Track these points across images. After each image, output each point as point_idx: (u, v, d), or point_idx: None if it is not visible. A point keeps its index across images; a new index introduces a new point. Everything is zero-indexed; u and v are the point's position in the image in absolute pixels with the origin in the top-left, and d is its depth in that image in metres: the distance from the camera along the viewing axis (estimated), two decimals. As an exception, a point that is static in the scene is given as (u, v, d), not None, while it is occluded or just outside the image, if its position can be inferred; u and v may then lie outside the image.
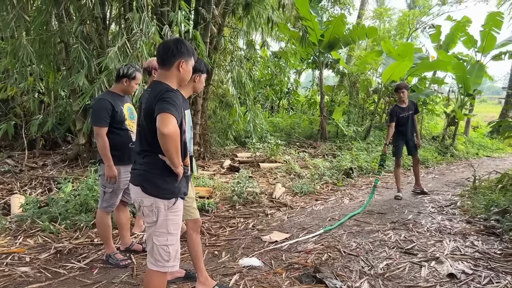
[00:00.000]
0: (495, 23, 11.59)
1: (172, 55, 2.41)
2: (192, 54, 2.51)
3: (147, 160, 2.43)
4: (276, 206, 5.86)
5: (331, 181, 7.53)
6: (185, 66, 2.46)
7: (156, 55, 2.52)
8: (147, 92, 2.44)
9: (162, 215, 2.42)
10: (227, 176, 7.64)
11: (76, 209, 4.84)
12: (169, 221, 2.44)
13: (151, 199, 2.41)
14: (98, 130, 3.53)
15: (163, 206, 2.41)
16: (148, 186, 2.41)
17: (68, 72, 7.04)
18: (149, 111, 2.32)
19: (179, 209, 2.51)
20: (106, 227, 3.76)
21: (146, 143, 2.41)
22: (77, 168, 7.47)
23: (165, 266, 2.48)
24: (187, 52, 2.46)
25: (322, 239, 4.48)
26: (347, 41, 12.77)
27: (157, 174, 2.41)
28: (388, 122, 6.69)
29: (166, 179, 2.42)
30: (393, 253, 4.07)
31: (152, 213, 2.42)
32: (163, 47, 2.45)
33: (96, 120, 3.55)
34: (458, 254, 4.03)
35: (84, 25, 6.80)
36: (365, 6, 20.41)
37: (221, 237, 4.52)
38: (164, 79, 2.43)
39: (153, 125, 2.26)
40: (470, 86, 11.66)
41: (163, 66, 2.44)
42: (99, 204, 3.76)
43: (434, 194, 6.81)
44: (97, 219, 3.78)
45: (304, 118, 14.91)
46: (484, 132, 15.27)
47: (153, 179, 2.41)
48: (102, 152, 3.52)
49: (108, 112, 3.55)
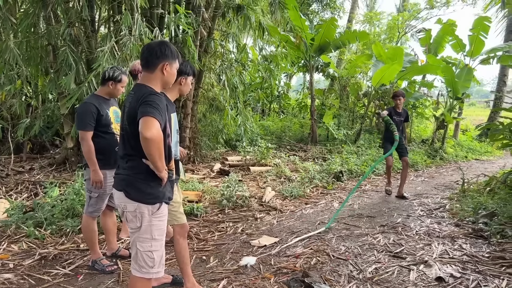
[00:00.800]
0: (483, 28, 11.71)
1: (156, 57, 2.37)
2: (176, 57, 2.48)
3: (130, 164, 2.39)
4: (266, 210, 5.83)
5: (321, 184, 7.52)
6: (169, 68, 2.42)
7: (140, 57, 2.48)
8: (131, 95, 2.40)
9: (146, 221, 2.38)
10: (217, 180, 7.59)
11: (63, 214, 4.77)
12: (153, 226, 2.40)
13: (135, 204, 2.36)
14: (83, 134, 3.48)
15: (147, 211, 2.37)
16: (132, 191, 2.37)
17: (55, 75, 6.96)
18: (132, 114, 2.28)
19: (163, 214, 2.48)
20: (92, 233, 3.70)
21: (130, 147, 2.37)
22: (64, 172, 7.38)
23: (150, 272, 2.44)
24: (171, 54, 2.42)
25: (311, 243, 4.45)
26: (338, 45, 12.83)
27: (140, 178, 2.37)
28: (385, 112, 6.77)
29: (150, 184, 2.37)
30: (382, 257, 4.06)
31: (135, 219, 2.38)
32: (147, 49, 2.41)
33: (81, 124, 3.50)
34: (447, 258, 4.03)
35: (72, 28, 6.72)
36: (355, 10, 20.55)
37: (209, 241, 4.48)
38: (147, 81, 2.39)
39: (136, 129, 2.22)
40: (459, 89, 11.76)
41: (147, 68, 2.41)
42: (85, 209, 3.70)
43: (423, 197, 6.84)
44: (83, 224, 3.72)
45: (294, 122, 14.92)
46: (473, 135, 15.39)
47: (137, 184, 2.37)
48: (87, 157, 3.47)
49: (93, 116, 3.50)
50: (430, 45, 13.73)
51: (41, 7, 6.76)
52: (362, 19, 20.61)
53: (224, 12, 8.57)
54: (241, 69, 9.49)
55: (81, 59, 7.10)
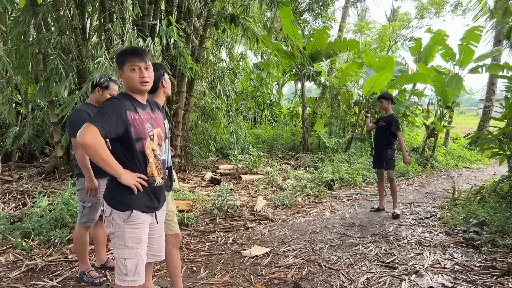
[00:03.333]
0: (473, 37, 11.86)
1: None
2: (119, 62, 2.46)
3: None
4: (257, 219, 5.79)
5: (312, 193, 7.50)
6: (123, 74, 2.43)
7: None
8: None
9: (118, 227, 2.36)
10: (208, 189, 7.55)
11: (51, 225, 4.70)
12: (126, 233, 2.35)
13: (109, 210, 2.39)
14: (76, 142, 3.43)
15: (118, 217, 2.36)
16: (107, 195, 2.43)
17: (45, 83, 6.90)
18: None
19: (138, 222, 2.39)
20: (83, 244, 3.64)
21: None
22: (54, 181, 7.30)
23: (124, 280, 2.38)
24: (119, 60, 2.44)
25: (302, 253, 4.42)
26: (329, 54, 12.91)
27: (114, 184, 2.38)
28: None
29: (121, 190, 2.35)
30: (374, 267, 4.04)
31: (109, 224, 2.39)
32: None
33: (74, 131, 3.44)
34: (438, 267, 4.02)
35: (62, 36, 6.68)
36: (346, 20, 20.72)
37: (200, 252, 4.43)
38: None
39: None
40: (449, 98, 11.86)
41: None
42: (78, 219, 3.64)
43: (414, 206, 6.85)
44: (75, 235, 3.66)
45: (286, 130, 14.95)
46: (463, 143, 15.51)
47: (110, 190, 2.41)
48: (82, 163, 3.41)
49: None
50: (420, 54, 13.86)
51: (31, 15, 6.73)
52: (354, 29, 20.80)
53: (216, 22, 8.59)
54: (233, 77, 9.49)
55: (72, 68, 7.06)
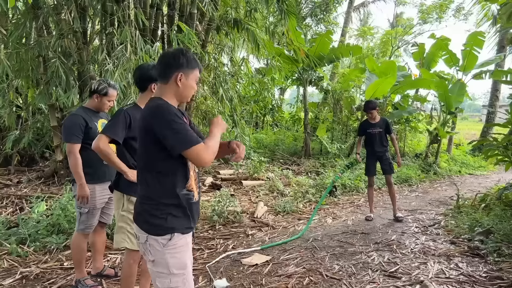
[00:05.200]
0: (476, 42, 11.75)
1: (169, 67, 2.18)
2: (194, 66, 2.23)
3: (141, 189, 2.21)
4: (258, 226, 5.70)
5: (314, 199, 7.40)
6: (185, 79, 2.17)
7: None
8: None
9: (158, 254, 2.09)
10: (208, 194, 7.46)
11: (48, 230, 4.63)
12: (168, 259, 2.09)
13: (144, 236, 2.11)
14: (71, 147, 3.36)
15: (156, 243, 2.08)
16: (139, 219, 2.14)
17: (45, 86, 6.86)
18: (139, 132, 2.22)
19: (179, 245, 2.12)
20: (81, 251, 3.55)
21: (139, 170, 2.26)
22: (53, 186, 7.23)
23: None
24: (186, 63, 2.18)
25: (303, 262, 4.33)
26: (331, 59, 12.84)
27: (147, 207, 2.12)
28: (356, 135, 6.74)
29: (158, 214, 2.09)
30: (377, 277, 3.94)
31: (147, 251, 2.11)
32: (162, 57, 2.27)
33: (68, 136, 3.39)
34: (443, 277, 3.92)
35: (63, 39, 6.63)
36: (349, 25, 20.68)
37: (198, 260, 4.34)
38: (160, 94, 2.21)
39: (145, 148, 2.14)
40: (452, 104, 11.75)
41: (161, 79, 2.22)
42: (76, 226, 3.55)
43: (417, 213, 6.73)
44: (73, 242, 3.57)
45: (288, 135, 14.86)
46: (466, 149, 15.39)
47: (144, 213, 2.13)
48: (74, 170, 3.35)
49: (81, 128, 3.40)
50: (423, 59, 13.78)
51: (32, 18, 6.69)
52: (356, 34, 20.75)
53: (218, 26, 8.53)
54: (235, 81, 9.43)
55: (73, 71, 7.02)
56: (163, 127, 2.01)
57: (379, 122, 6.37)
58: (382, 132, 6.33)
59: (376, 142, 6.35)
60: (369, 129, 6.37)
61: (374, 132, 6.33)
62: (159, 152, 2.05)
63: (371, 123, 6.40)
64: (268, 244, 4.87)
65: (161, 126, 2.01)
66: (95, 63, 6.91)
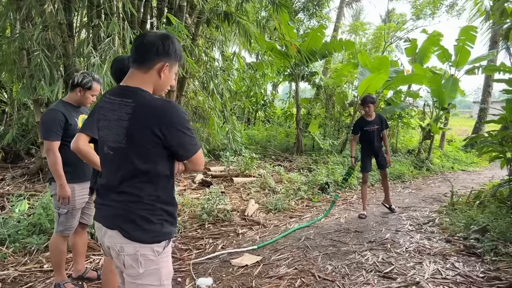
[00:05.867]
0: (469, 38, 11.66)
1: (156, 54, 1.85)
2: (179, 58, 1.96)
3: (131, 192, 1.88)
4: (248, 225, 5.54)
5: (306, 196, 7.26)
6: (167, 71, 1.89)
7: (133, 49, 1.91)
8: (126, 103, 1.82)
9: (152, 264, 1.85)
10: (198, 192, 7.29)
11: (28, 230, 4.43)
12: (162, 269, 1.88)
13: (135, 245, 1.82)
14: (49, 145, 3.15)
15: (150, 252, 1.85)
16: (131, 228, 1.83)
17: (29, 80, 6.62)
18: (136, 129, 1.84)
19: (168, 250, 1.94)
20: (60, 254, 3.36)
21: (130, 172, 1.88)
22: (38, 183, 7.02)
23: None
24: (174, 54, 1.90)
25: (295, 262, 4.18)
26: (324, 54, 12.68)
27: (145, 210, 1.85)
28: (351, 134, 6.54)
29: (156, 218, 1.87)
30: (371, 277, 3.80)
31: (137, 263, 1.83)
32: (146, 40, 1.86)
33: (47, 133, 3.17)
34: (439, 278, 3.79)
35: (47, 32, 6.39)
36: (341, 20, 20.53)
37: (186, 261, 4.17)
38: (142, 84, 1.86)
39: (142, 148, 1.81)
40: (445, 99, 11.67)
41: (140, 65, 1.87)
42: (55, 227, 3.36)
43: (411, 211, 6.62)
44: (51, 244, 3.38)
45: (280, 131, 14.70)
46: (459, 145, 15.35)
47: (138, 219, 1.84)
48: (53, 169, 3.14)
49: (61, 124, 3.19)
50: (416, 55, 13.67)
51: (15, 9, 6.44)
52: (348, 29, 20.61)
53: (209, 19, 8.31)
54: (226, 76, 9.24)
55: (57, 65, 6.79)
56: (180, 128, 1.79)
57: (375, 119, 6.27)
58: (379, 129, 6.27)
59: (374, 139, 6.27)
60: (366, 127, 6.24)
61: (372, 129, 6.22)
62: (161, 153, 1.82)
63: (368, 120, 6.27)
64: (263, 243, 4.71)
65: (178, 127, 1.78)
66: (80, 57, 6.69)
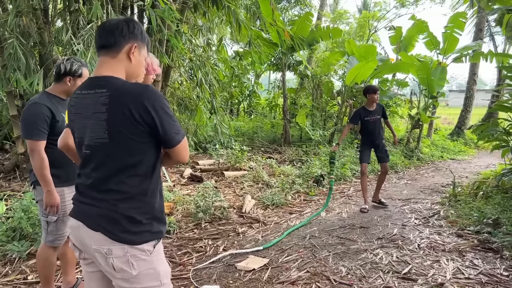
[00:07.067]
0: (458, 24, 11.51)
1: (122, 36, 1.72)
2: (146, 41, 1.84)
3: (117, 189, 1.71)
4: (248, 223, 5.19)
5: (302, 190, 6.96)
6: (137, 54, 1.77)
7: (97, 35, 1.77)
8: (100, 94, 1.65)
9: (147, 265, 1.69)
10: (188, 187, 6.90)
11: (7, 236, 3.98)
12: (159, 267, 1.72)
13: (124, 247, 1.65)
14: (33, 145, 2.68)
15: (141, 253, 1.68)
16: (117, 229, 1.65)
17: (2, 71, 6.07)
18: (118, 122, 1.68)
19: (161, 247, 1.78)
20: (50, 266, 2.92)
21: (113, 169, 1.72)
22: (14, 181, 6.51)
23: None
24: (141, 36, 1.78)
25: (305, 264, 3.86)
26: (311, 42, 12.34)
27: (132, 209, 1.68)
28: (348, 122, 6.41)
29: (145, 215, 1.71)
30: (390, 279, 3.52)
31: (128, 266, 1.65)
32: (109, 25, 1.74)
33: (30, 131, 2.70)
34: (462, 278, 3.53)
35: (20, 18, 5.86)
36: (324, 8, 20.23)
37: (187, 266, 3.80)
38: (113, 71, 1.72)
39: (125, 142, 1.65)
40: (434, 88, 11.52)
41: (108, 50, 1.74)
42: (43, 237, 2.89)
43: (412, 203, 6.39)
44: (39, 256, 2.92)
45: (266, 122, 14.37)
46: (445, 134, 15.34)
47: (124, 219, 1.67)
48: (40, 173, 2.67)
49: (47, 120, 2.72)
50: (401, 43, 13.47)
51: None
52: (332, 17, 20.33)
53: (195, 4, 7.85)
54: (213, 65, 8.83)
55: (33, 54, 6.27)
56: (160, 111, 1.63)
57: (377, 109, 6.01)
58: (380, 118, 6.05)
59: (375, 130, 6.03)
60: (368, 116, 5.97)
61: (373, 119, 5.98)
62: (147, 142, 1.66)
63: (369, 110, 5.99)
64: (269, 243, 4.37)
65: (158, 110, 1.62)
66: (59, 44, 6.19)
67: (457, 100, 39.57)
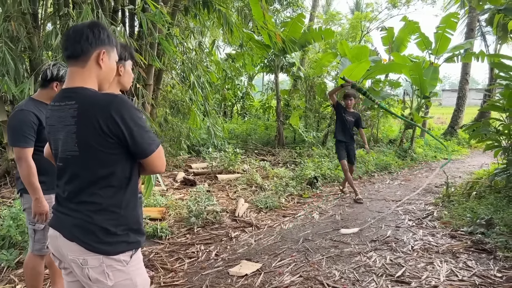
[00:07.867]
0: (450, 25, 11.54)
1: (88, 43, 1.68)
2: (115, 44, 1.80)
3: (92, 200, 1.69)
4: (241, 227, 5.15)
5: (296, 192, 6.93)
6: (107, 59, 1.73)
7: (63, 45, 1.73)
8: (70, 106, 1.63)
9: (123, 275, 1.66)
10: (181, 191, 6.85)
11: (-4, 245, 3.92)
12: (136, 278, 1.69)
13: (99, 257, 1.63)
14: (21, 152, 2.63)
15: (117, 263, 1.66)
16: (92, 239, 1.63)
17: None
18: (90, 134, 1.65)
19: (139, 257, 1.75)
20: (37, 276, 2.88)
21: (87, 180, 1.70)
22: (5, 188, 6.45)
23: None
24: (108, 40, 1.74)
25: (298, 268, 3.83)
26: (303, 44, 12.33)
27: (106, 220, 1.65)
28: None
29: (120, 226, 1.68)
30: (384, 283, 3.49)
31: (104, 276, 1.63)
32: (73, 32, 1.69)
33: (17, 138, 2.65)
34: (456, 280, 3.52)
35: (9, 22, 5.79)
36: (317, 9, 20.24)
37: (178, 272, 3.76)
38: (83, 81, 1.69)
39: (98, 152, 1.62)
40: (426, 88, 11.55)
41: (76, 60, 1.69)
42: (30, 246, 2.86)
43: (406, 204, 6.38)
44: (26, 265, 2.89)
45: (259, 124, 14.34)
46: (438, 134, 15.38)
47: (99, 230, 1.64)
48: (28, 181, 2.63)
49: (34, 127, 2.67)
50: (393, 43, 13.49)
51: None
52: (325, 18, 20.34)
53: (186, 7, 7.81)
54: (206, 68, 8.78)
55: (23, 59, 6.20)
56: (130, 122, 1.59)
57: (354, 113, 6.75)
58: (353, 122, 6.68)
59: (346, 129, 6.64)
60: (345, 114, 6.61)
61: (348, 120, 6.63)
62: (118, 153, 1.64)
63: (347, 110, 6.68)
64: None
65: (127, 121, 1.59)
66: (48, 49, 6.12)
67: (450, 99, 39.76)
